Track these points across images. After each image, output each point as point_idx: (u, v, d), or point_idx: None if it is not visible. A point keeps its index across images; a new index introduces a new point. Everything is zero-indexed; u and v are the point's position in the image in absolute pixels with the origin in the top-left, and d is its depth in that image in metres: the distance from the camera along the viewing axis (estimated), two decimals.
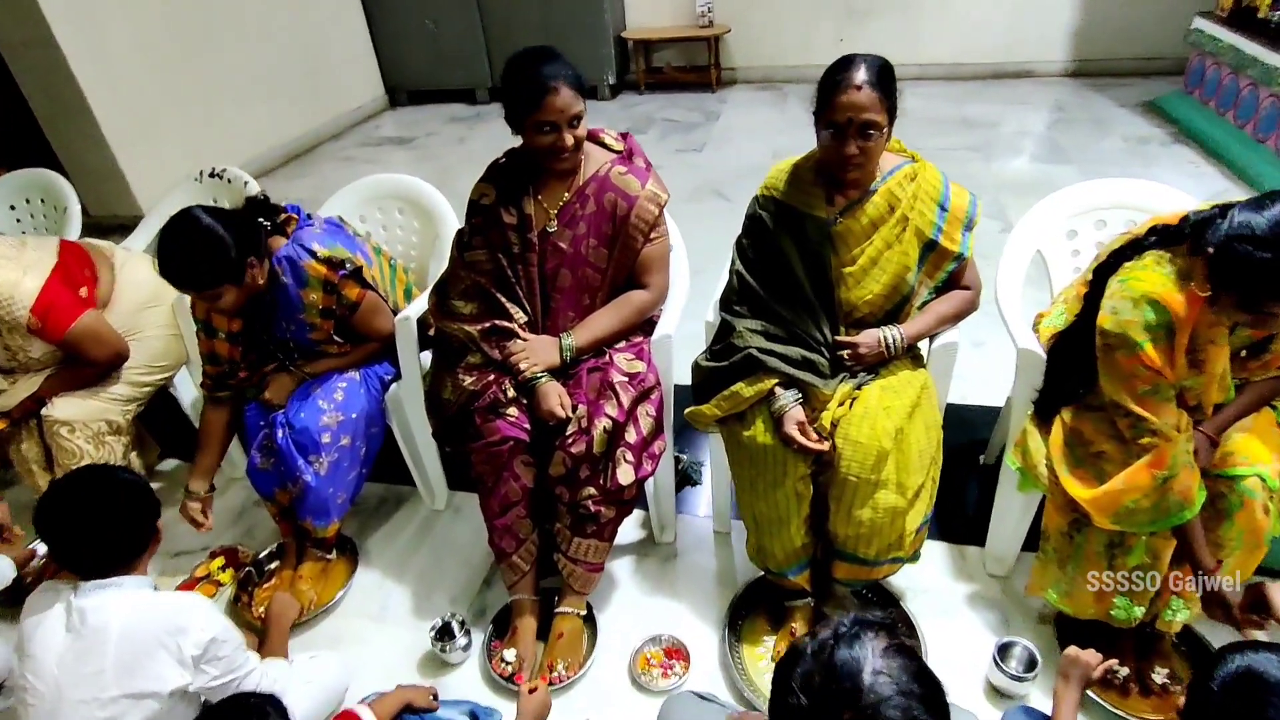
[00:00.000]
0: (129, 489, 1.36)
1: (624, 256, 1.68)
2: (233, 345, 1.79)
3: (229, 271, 1.60)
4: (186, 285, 1.63)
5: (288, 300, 1.72)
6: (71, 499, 1.32)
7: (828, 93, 1.48)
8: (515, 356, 1.64)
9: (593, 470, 1.58)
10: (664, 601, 1.84)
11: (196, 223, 1.57)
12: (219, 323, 1.77)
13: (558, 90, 1.52)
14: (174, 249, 1.58)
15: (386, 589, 1.94)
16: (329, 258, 1.71)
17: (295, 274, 1.70)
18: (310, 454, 1.78)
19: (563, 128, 1.55)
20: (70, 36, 3.70)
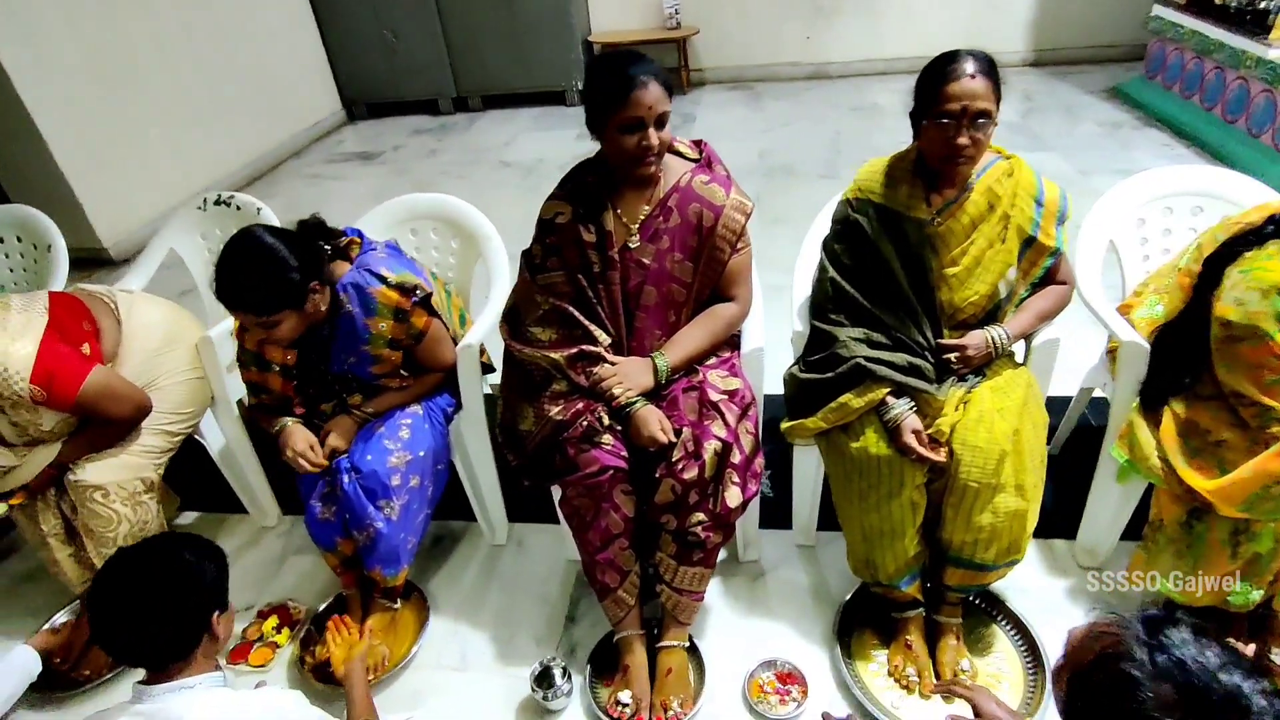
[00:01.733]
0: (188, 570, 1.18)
1: (710, 269, 1.60)
2: (286, 380, 1.65)
3: (291, 295, 1.47)
4: (245, 309, 1.48)
5: (351, 330, 1.59)
6: (133, 584, 1.15)
7: (936, 83, 1.44)
8: (607, 382, 1.54)
9: (701, 495, 1.50)
10: (762, 623, 1.77)
11: (258, 241, 1.44)
12: (272, 354, 1.62)
13: (646, 85, 1.44)
14: (233, 269, 1.44)
15: (462, 635, 1.81)
16: (400, 284, 1.58)
17: (362, 301, 1.57)
18: (380, 499, 1.65)
19: (649, 126, 1.46)
20: (14, 56, 3.41)
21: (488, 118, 5.83)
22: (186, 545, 1.22)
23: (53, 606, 1.98)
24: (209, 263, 2.30)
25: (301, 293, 1.49)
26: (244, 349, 1.66)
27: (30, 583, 2.09)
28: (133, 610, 1.13)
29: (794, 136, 4.72)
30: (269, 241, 1.45)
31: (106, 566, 1.18)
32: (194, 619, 1.17)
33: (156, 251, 2.23)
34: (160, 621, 1.13)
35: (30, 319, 1.62)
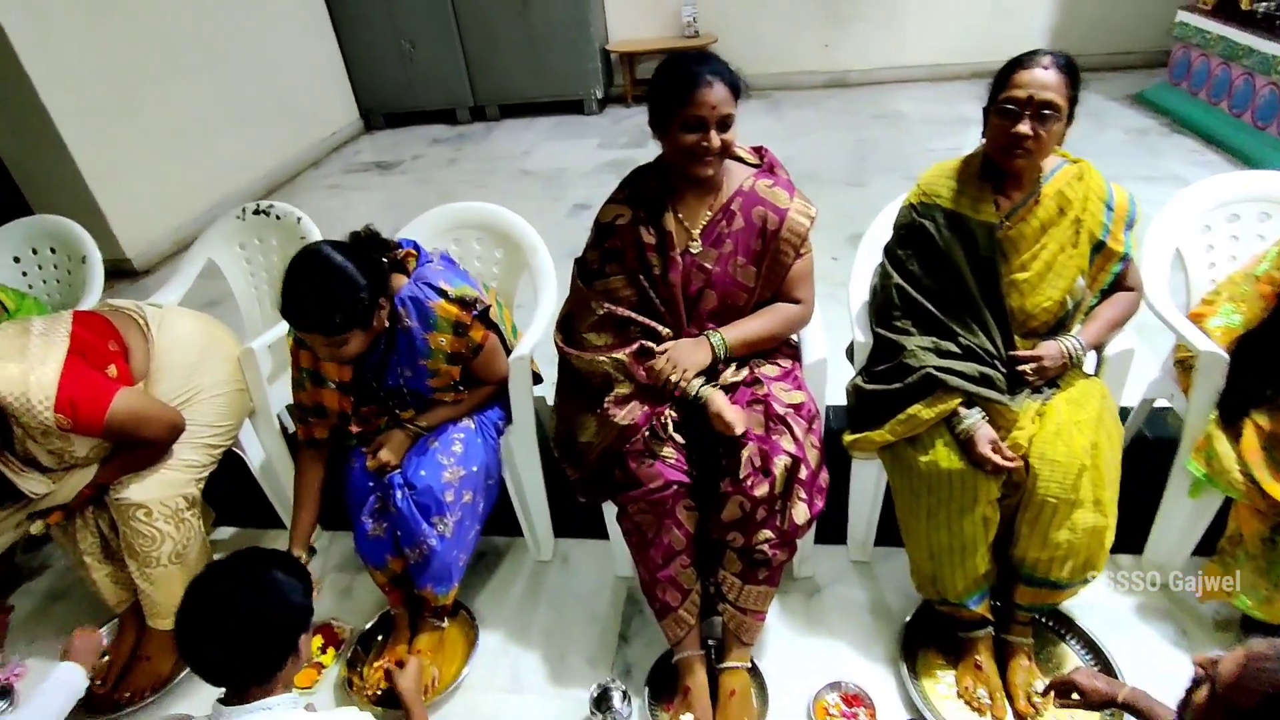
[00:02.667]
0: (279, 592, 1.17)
1: (773, 274, 1.56)
2: (343, 396, 1.61)
3: (361, 314, 1.43)
4: (315, 329, 1.44)
5: (410, 345, 1.55)
6: (229, 604, 1.13)
7: (1007, 73, 1.41)
8: (661, 368, 1.49)
9: (769, 511, 1.45)
10: (821, 641, 1.72)
11: (328, 261, 1.40)
12: (329, 371, 1.59)
13: (711, 85, 1.41)
14: (303, 289, 1.40)
15: (512, 655, 1.77)
16: (460, 297, 1.54)
17: (421, 316, 1.53)
18: (433, 515, 1.61)
19: (711, 126, 1.43)
20: (40, 68, 3.39)
21: (505, 127, 5.82)
22: (277, 563, 1.20)
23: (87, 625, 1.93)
24: (247, 272, 2.27)
25: (370, 311, 1.45)
26: (298, 366, 1.62)
27: (62, 601, 2.05)
28: (227, 630, 1.11)
29: (817, 144, 4.69)
30: (338, 260, 1.41)
31: (199, 584, 1.15)
32: (285, 640, 1.15)
33: (195, 261, 2.20)
34: (254, 642, 1.12)
35: (51, 344, 1.56)
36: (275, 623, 1.15)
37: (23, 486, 1.60)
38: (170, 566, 1.73)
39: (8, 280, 2.32)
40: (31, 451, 1.59)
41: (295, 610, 1.18)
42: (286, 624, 1.16)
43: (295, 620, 1.18)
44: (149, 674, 1.77)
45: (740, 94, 1.47)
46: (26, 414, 1.48)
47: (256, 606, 1.14)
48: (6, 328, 1.58)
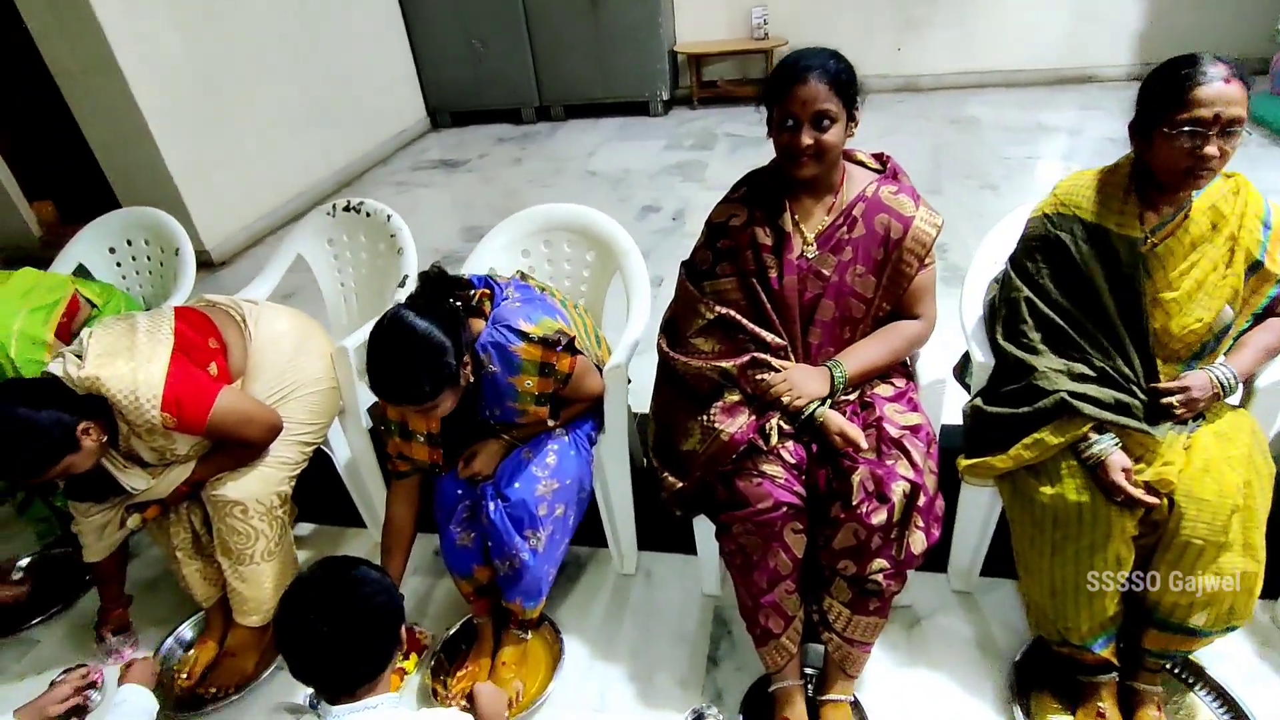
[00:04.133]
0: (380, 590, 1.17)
1: (893, 284, 1.48)
2: (432, 448, 1.58)
3: (451, 377, 1.39)
4: (407, 402, 1.40)
5: (495, 390, 1.52)
6: (321, 610, 1.12)
7: (1179, 88, 1.29)
8: (776, 389, 1.43)
9: (885, 540, 1.37)
10: (923, 675, 1.63)
11: (411, 331, 1.36)
12: (417, 425, 1.56)
13: (806, 81, 1.35)
14: (391, 366, 1.36)
15: (598, 672, 1.71)
16: (543, 338, 1.49)
17: (504, 361, 1.49)
18: (526, 529, 1.57)
19: (803, 124, 1.36)
20: (133, 63, 3.47)
21: (569, 127, 5.80)
22: (362, 564, 1.19)
23: (175, 616, 1.95)
24: (335, 268, 2.27)
25: (459, 371, 1.40)
26: (385, 419, 1.59)
27: (151, 592, 2.07)
28: (334, 636, 1.10)
29: (891, 150, 4.44)
30: (422, 328, 1.36)
31: (296, 596, 1.13)
32: (389, 638, 1.15)
33: (284, 257, 2.20)
34: (361, 643, 1.12)
35: (156, 341, 1.56)
36: (379, 622, 1.15)
37: (124, 482, 1.61)
38: (262, 564, 1.73)
39: (102, 270, 2.36)
40: (134, 448, 1.59)
41: (395, 607, 1.18)
42: (389, 622, 1.16)
43: (396, 617, 1.18)
44: (234, 670, 1.76)
45: (851, 90, 1.39)
46: (134, 411, 1.48)
47: (359, 608, 1.13)
48: (113, 324, 1.59)
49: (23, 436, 1.39)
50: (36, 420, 1.39)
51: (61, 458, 1.43)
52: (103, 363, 1.48)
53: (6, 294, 1.84)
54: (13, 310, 1.81)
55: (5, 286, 1.86)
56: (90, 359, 1.48)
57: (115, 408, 1.49)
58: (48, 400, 1.43)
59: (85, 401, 1.47)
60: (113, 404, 1.48)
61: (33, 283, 1.92)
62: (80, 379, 1.46)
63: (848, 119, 1.40)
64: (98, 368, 1.47)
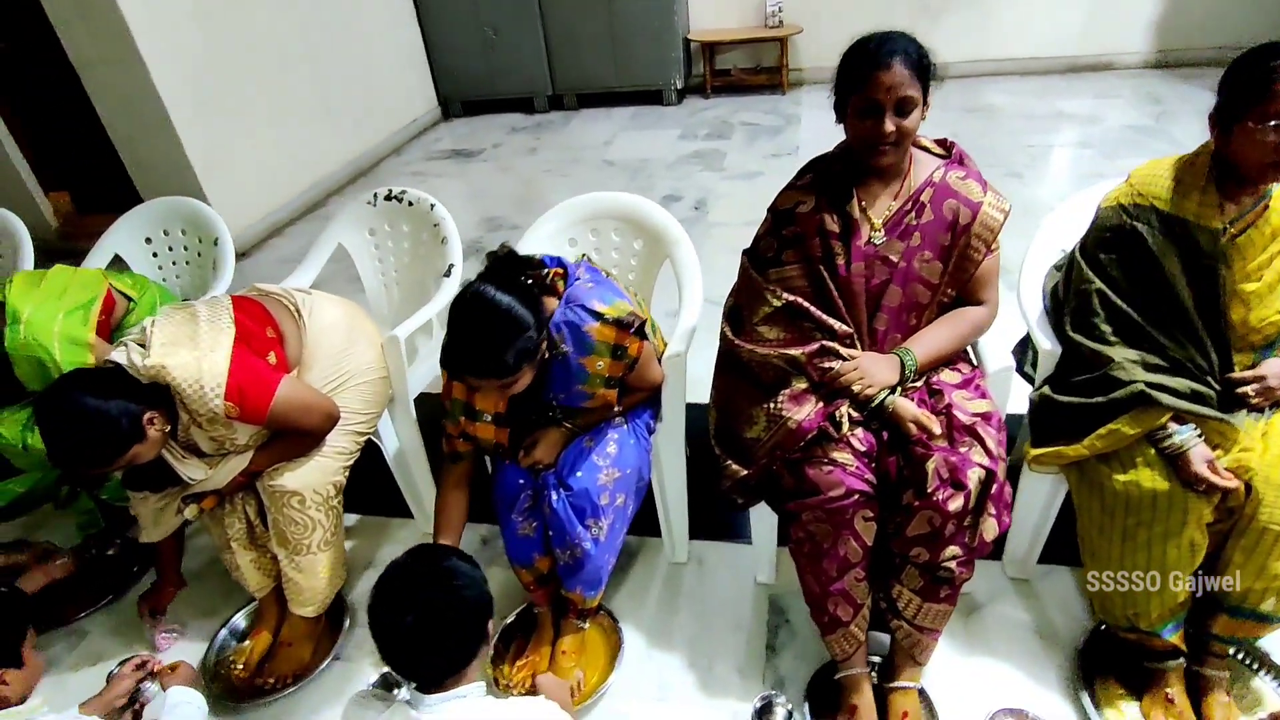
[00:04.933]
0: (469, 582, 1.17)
1: (960, 270, 1.48)
2: (499, 428, 1.56)
3: (532, 352, 1.37)
4: (489, 375, 1.37)
5: (565, 371, 1.50)
6: (412, 599, 1.12)
7: (1265, 82, 1.27)
8: (847, 377, 1.42)
9: (959, 527, 1.37)
10: (985, 663, 1.63)
11: (495, 306, 1.34)
12: (484, 404, 1.54)
13: (889, 66, 1.33)
14: (474, 340, 1.34)
15: (657, 661, 1.71)
16: (617, 319, 1.47)
17: (577, 341, 1.47)
18: (588, 518, 1.56)
19: (886, 111, 1.35)
20: (155, 53, 3.44)
21: (582, 116, 5.78)
22: (459, 558, 1.19)
23: (223, 607, 1.94)
24: (375, 258, 2.25)
25: (538, 348, 1.39)
26: (449, 398, 1.57)
27: (198, 582, 2.05)
28: (425, 626, 1.10)
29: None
30: (504, 302, 1.34)
31: (392, 578, 1.14)
32: (480, 628, 1.16)
33: (325, 246, 2.18)
34: (454, 633, 1.12)
35: (218, 331, 1.55)
36: (467, 614, 1.15)
37: (182, 472, 1.60)
38: (319, 554, 1.72)
39: (138, 261, 2.34)
40: (193, 438, 1.58)
41: (483, 601, 1.18)
42: (477, 615, 1.16)
43: (484, 611, 1.18)
44: (291, 660, 1.76)
45: (929, 75, 1.39)
46: (198, 401, 1.47)
47: (449, 599, 1.13)
48: (173, 313, 1.58)
49: (93, 427, 1.38)
50: (106, 410, 1.38)
51: (129, 448, 1.42)
52: (167, 351, 1.47)
53: (43, 296, 1.82)
54: (51, 313, 1.79)
55: (40, 289, 1.84)
56: (155, 347, 1.47)
57: (179, 397, 1.47)
58: (115, 390, 1.41)
59: (149, 390, 1.46)
60: (176, 393, 1.47)
61: (67, 281, 1.90)
62: (145, 367, 1.45)
63: (924, 101, 1.39)
64: (163, 356, 1.46)
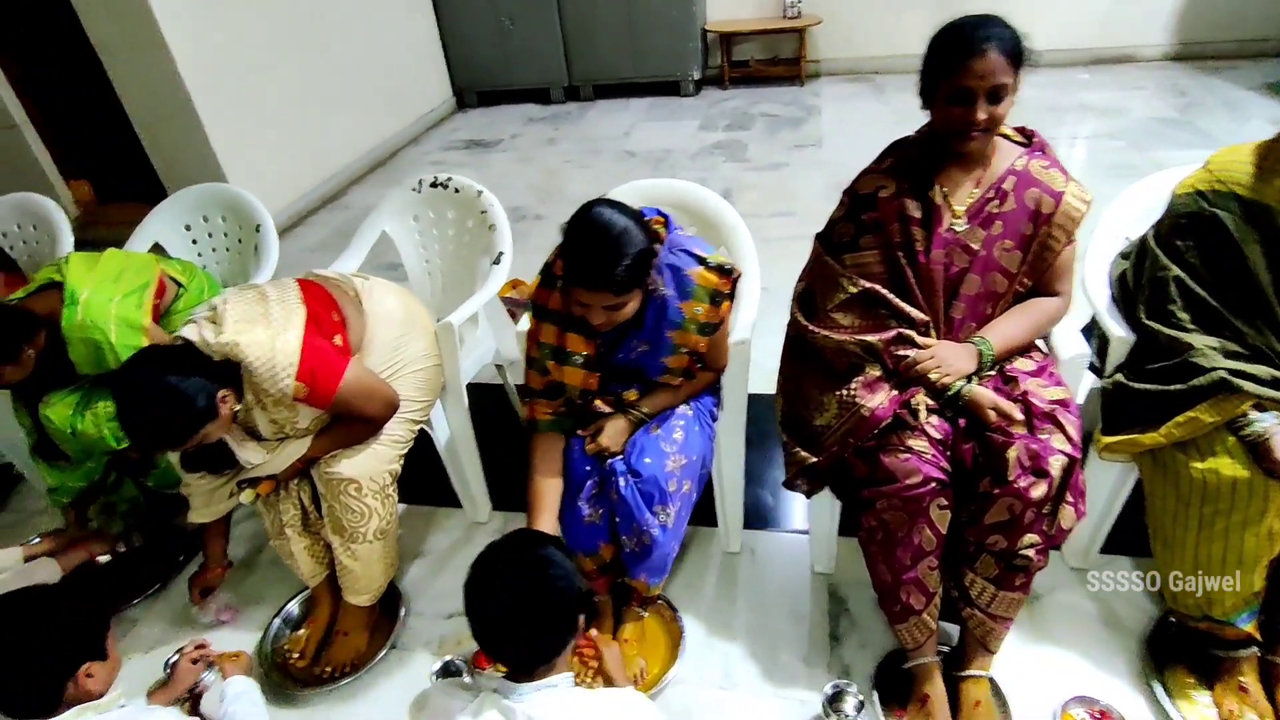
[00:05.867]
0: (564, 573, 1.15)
1: (1039, 260, 1.46)
2: (588, 373, 1.53)
3: (645, 271, 1.36)
4: (605, 286, 1.33)
5: (661, 315, 1.48)
6: (508, 584, 1.11)
7: None
8: (924, 365, 1.41)
9: (1038, 515, 1.36)
10: (1051, 652, 1.63)
11: (614, 222, 1.32)
12: (574, 345, 1.51)
13: (984, 53, 1.32)
14: (595, 248, 1.31)
15: (719, 650, 1.70)
16: (719, 264, 1.47)
17: (679, 284, 1.46)
18: (656, 504, 1.54)
19: (978, 98, 1.34)
20: (179, 39, 3.41)
21: (599, 107, 5.75)
22: (554, 546, 1.17)
23: (272, 594, 1.93)
24: (419, 245, 2.23)
25: (648, 273, 1.38)
26: (539, 344, 1.55)
27: (247, 570, 2.05)
28: (518, 613, 1.09)
29: None
30: (622, 221, 1.33)
31: (489, 561, 1.13)
32: (569, 626, 1.14)
33: (369, 233, 2.16)
34: (543, 627, 1.11)
35: (290, 311, 1.54)
36: (560, 604, 1.13)
37: (241, 455, 1.58)
38: (374, 543, 1.71)
39: (177, 248, 2.32)
40: (253, 420, 1.56)
41: (576, 592, 1.16)
42: (570, 606, 1.14)
43: (577, 601, 1.16)
44: (348, 649, 1.75)
45: (1022, 61, 1.37)
46: (269, 380, 1.45)
47: (543, 588, 1.12)
48: (244, 292, 1.56)
49: (172, 404, 1.36)
50: (183, 388, 1.36)
51: (203, 426, 1.40)
52: (242, 329, 1.45)
53: (99, 279, 1.80)
54: (108, 296, 1.78)
55: (96, 271, 1.82)
56: (228, 324, 1.45)
57: (249, 375, 1.46)
58: (191, 367, 1.39)
59: (220, 368, 1.44)
60: (248, 371, 1.45)
61: (121, 265, 1.88)
62: (219, 344, 1.43)
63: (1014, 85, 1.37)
64: (237, 333, 1.44)
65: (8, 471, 2.44)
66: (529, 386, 1.60)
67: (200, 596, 1.86)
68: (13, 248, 2.42)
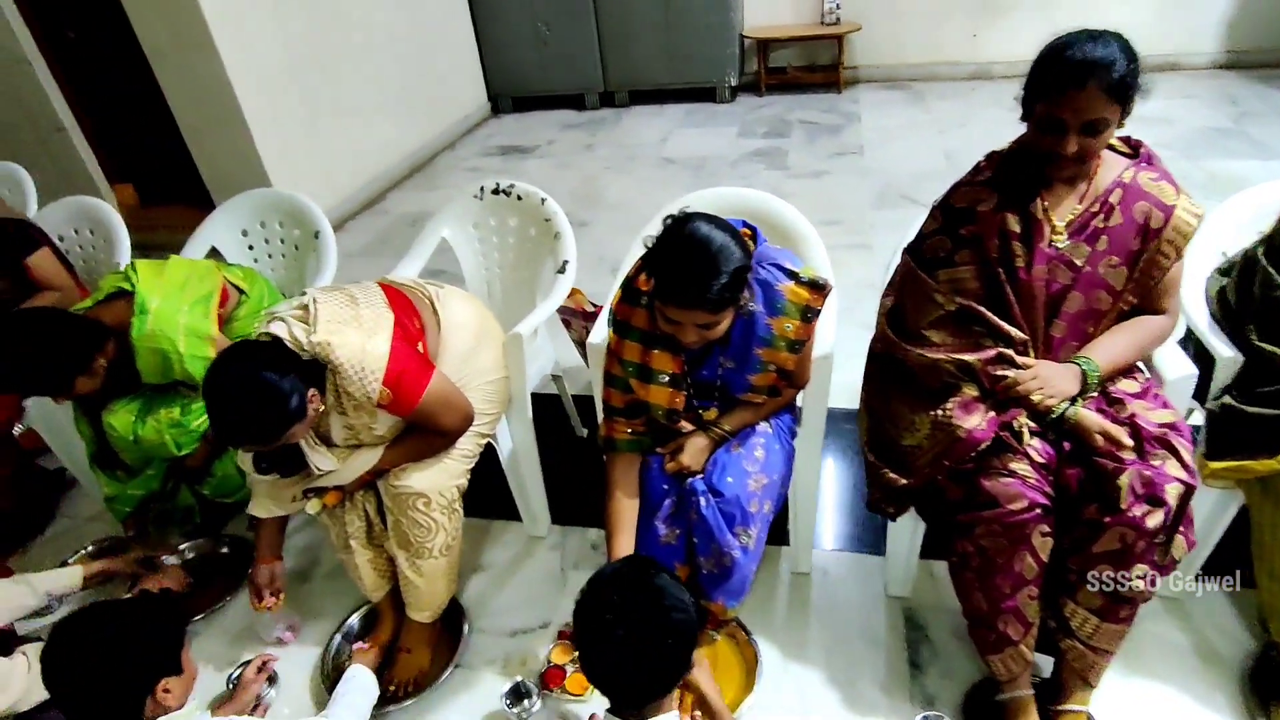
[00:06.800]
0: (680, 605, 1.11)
1: (1145, 277, 1.39)
2: (674, 391, 1.48)
3: (739, 294, 1.31)
4: (706, 306, 1.27)
5: (749, 331, 1.42)
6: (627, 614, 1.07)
7: None
8: (1025, 386, 1.35)
9: (1150, 544, 1.30)
10: (1147, 685, 1.55)
11: (712, 235, 1.26)
12: (660, 363, 1.46)
13: (1083, 86, 1.24)
14: (696, 263, 1.25)
15: (794, 675, 1.65)
16: (812, 280, 1.41)
17: (768, 299, 1.41)
18: (738, 525, 1.49)
19: (1070, 132, 1.28)
20: (229, 44, 3.41)
21: (634, 113, 5.72)
22: (669, 575, 1.13)
23: (331, 609, 1.90)
24: (479, 253, 2.20)
25: (743, 291, 1.33)
26: (621, 362, 1.50)
27: (303, 583, 2.01)
28: (639, 646, 1.04)
29: (975, 139, 4.45)
30: (721, 235, 1.27)
31: (600, 600, 1.08)
32: (683, 662, 1.09)
33: (429, 240, 2.13)
34: (657, 662, 1.06)
35: (379, 315, 1.51)
36: (680, 636, 1.09)
37: (312, 461, 1.55)
38: (439, 559, 1.67)
39: (234, 254, 2.30)
40: (328, 424, 1.53)
41: (692, 626, 1.11)
42: (689, 638, 1.10)
43: (692, 637, 1.11)
44: (410, 667, 1.71)
45: (1134, 90, 1.29)
46: (356, 383, 1.43)
47: (665, 619, 1.07)
48: (333, 293, 1.54)
49: (267, 400, 1.32)
50: (280, 386, 1.33)
51: (294, 424, 1.37)
52: (334, 329, 1.43)
53: (166, 287, 1.79)
54: (177, 305, 1.76)
55: (162, 278, 1.81)
56: (320, 324, 1.43)
57: (337, 376, 1.43)
58: (284, 364, 1.36)
59: (307, 367, 1.41)
60: (336, 372, 1.43)
61: (186, 272, 1.86)
62: (312, 343, 1.41)
63: (1121, 115, 1.30)
64: (329, 334, 1.42)
65: (59, 477, 2.44)
66: (608, 404, 1.55)
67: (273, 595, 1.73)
68: (69, 251, 2.42)
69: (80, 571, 1.72)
